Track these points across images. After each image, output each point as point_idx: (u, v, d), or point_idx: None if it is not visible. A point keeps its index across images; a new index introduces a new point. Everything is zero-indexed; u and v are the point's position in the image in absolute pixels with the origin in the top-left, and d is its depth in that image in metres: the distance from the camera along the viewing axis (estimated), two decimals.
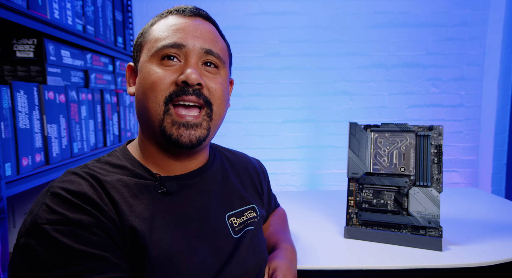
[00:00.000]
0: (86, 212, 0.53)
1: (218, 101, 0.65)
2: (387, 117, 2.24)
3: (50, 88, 1.08)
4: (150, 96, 0.61)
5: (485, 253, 0.91)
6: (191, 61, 0.62)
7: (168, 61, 0.62)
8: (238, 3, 2.17)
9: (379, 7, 2.18)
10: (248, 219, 0.72)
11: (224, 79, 0.67)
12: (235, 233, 0.68)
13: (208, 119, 0.63)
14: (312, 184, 2.29)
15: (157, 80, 0.60)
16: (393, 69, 2.23)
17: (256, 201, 0.79)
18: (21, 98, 0.95)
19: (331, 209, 1.32)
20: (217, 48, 0.65)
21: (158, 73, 0.61)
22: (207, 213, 0.66)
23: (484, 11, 2.17)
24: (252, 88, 2.23)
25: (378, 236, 1.00)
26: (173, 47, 0.61)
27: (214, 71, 0.65)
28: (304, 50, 2.21)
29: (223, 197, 0.71)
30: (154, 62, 0.62)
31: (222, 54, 0.66)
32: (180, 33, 0.62)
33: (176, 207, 0.63)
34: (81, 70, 1.32)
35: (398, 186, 1.00)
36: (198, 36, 0.63)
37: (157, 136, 0.63)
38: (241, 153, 0.87)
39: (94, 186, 0.57)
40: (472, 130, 2.27)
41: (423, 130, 1.00)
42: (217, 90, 0.64)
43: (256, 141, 2.25)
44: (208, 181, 0.70)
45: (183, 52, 0.62)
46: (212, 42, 0.65)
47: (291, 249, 0.81)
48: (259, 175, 0.85)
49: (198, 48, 0.62)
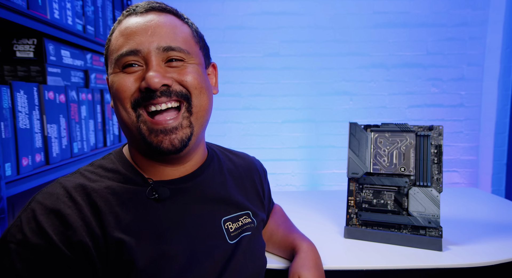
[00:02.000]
0: (49, 234, 0.51)
1: (195, 92, 0.61)
2: (387, 117, 2.24)
3: (50, 88, 1.08)
4: (119, 106, 0.59)
5: (485, 253, 0.91)
6: (152, 64, 0.58)
7: (130, 69, 0.59)
8: (238, 3, 2.17)
9: (379, 7, 2.18)
10: (244, 224, 0.70)
11: (196, 67, 0.62)
12: (230, 239, 0.66)
13: (188, 114, 0.60)
14: (312, 184, 2.29)
15: (120, 88, 0.58)
16: (393, 69, 2.23)
17: (256, 205, 0.77)
18: (21, 98, 0.95)
19: (331, 209, 1.32)
20: (177, 41, 0.60)
21: (120, 81, 0.59)
22: (201, 219, 0.64)
23: (484, 11, 2.17)
24: (252, 88, 2.23)
25: (378, 236, 1.00)
26: (129, 55, 0.58)
27: (179, 64, 0.61)
28: (304, 50, 2.21)
29: (219, 201, 0.68)
30: (117, 71, 0.60)
31: (184, 45, 0.61)
32: (134, 37, 0.59)
33: (169, 213, 0.60)
34: (81, 70, 1.32)
35: (398, 186, 1.00)
36: (152, 35, 0.59)
37: (141, 145, 0.61)
38: (243, 154, 0.85)
39: (75, 200, 0.55)
40: (472, 130, 2.27)
41: (423, 130, 1.00)
42: (190, 81, 0.60)
43: (256, 141, 2.25)
44: (203, 184, 0.67)
45: (141, 57, 0.59)
46: (169, 37, 0.60)
47: (312, 248, 0.80)
48: (261, 177, 0.83)
49: (155, 49, 0.58)
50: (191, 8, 2.16)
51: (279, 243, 0.88)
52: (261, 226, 0.77)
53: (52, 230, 0.52)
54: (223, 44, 2.19)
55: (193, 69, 0.62)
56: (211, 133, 2.19)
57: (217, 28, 2.18)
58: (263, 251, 0.75)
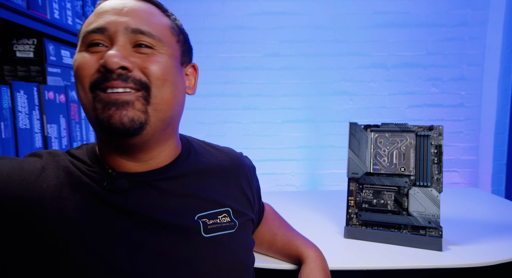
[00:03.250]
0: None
1: (157, 82, 0.56)
2: (387, 117, 2.24)
3: (50, 88, 1.08)
4: (78, 86, 0.56)
5: (485, 253, 0.91)
6: (116, 44, 0.54)
7: (95, 48, 0.55)
8: (238, 3, 2.17)
9: (379, 7, 2.18)
10: (222, 223, 0.65)
11: (165, 58, 0.58)
12: (206, 232, 0.61)
13: (143, 101, 0.55)
14: (312, 184, 2.29)
15: (80, 66, 0.55)
16: (393, 69, 2.23)
17: (240, 203, 0.71)
18: (21, 98, 0.95)
19: (331, 209, 1.32)
20: (150, 27, 0.57)
21: (82, 59, 0.55)
22: (169, 213, 0.59)
23: (484, 11, 2.17)
24: (252, 88, 2.23)
25: (378, 236, 1.00)
26: (95, 32, 0.55)
27: (148, 51, 0.56)
28: (304, 50, 2.21)
29: (192, 197, 0.63)
30: (82, 51, 0.57)
31: (157, 32, 0.57)
32: (104, 16, 0.56)
33: (125, 206, 0.57)
34: None
35: (398, 186, 1.00)
36: (124, 16, 0.56)
37: (97, 129, 0.57)
38: (228, 149, 0.79)
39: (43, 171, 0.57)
40: (472, 130, 2.27)
41: (423, 130, 1.00)
42: (153, 70, 0.56)
43: (256, 141, 2.25)
44: (173, 179, 0.63)
45: (107, 36, 0.55)
46: (141, 21, 0.56)
47: (319, 256, 0.78)
48: (247, 174, 0.77)
49: (123, 29, 0.55)
50: (191, 8, 2.16)
51: (280, 252, 0.85)
52: (249, 226, 0.72)
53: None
54: (223, 44, 2.19)
55: (161, 59, 0.57)
56: (211, 133, 2.19)
57: (217, 28, 2.18)
58: (250, 252, 0.69)
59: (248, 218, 0.72)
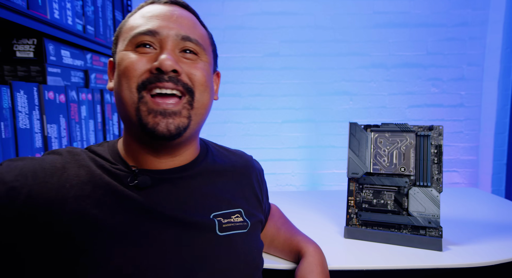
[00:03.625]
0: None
1: (200, 88, 0.61)
2: (387, 117, 2.24)
3: (50, 88, 1.08)
4: (123, 84, 0.58)
5: (485, 253, 0.91)
6: (167, 48, 0.59)
7: (143, 49, 0.59)
8: (238, 3, 2.17)
9: (379, 7, 2.18)
10: (236, 222, 0.67)
11: (206, 66, 0.63)
12: (221, 231, 0.64)
13: (189, 107, 0.60)
14: (312, 184, 2.29)
15: (130, 66, 0.58)
16: (393, 69, 2.23)
17: (251, 204, 0.73)
18: (21, 98, 0.95)
19: (331, 209, 1.32)
20: (195, 35, 0.62)
21: (131, 59, 0.58)
22: (186, 210, 0.61)
23: (484, 11, 2.17)
24: (252, 88, 2.23)
25: (378, 236, 1.00)
26: (147, 34, 0.58)
27: (193, 57, 0.61)
28: (304, 50, 2.21)
29: (208, 196, 0.66)
30: (129, 50, 0.59)
31: (201, 41, 0.63)
32: (155, 20, 0.60)
33: (148, 202, 0.59)
34: (81, 70, 1.32)
35: (398, 186, 1.00)
36: (174, 23, 0.60)
37: (135, 128, 0.59)
38: (240, 152, 0.83)
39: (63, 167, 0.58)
40: (472, 130, 2.27)
41: (423, 130, 1.00)
42: (198, 76, 0.61)
43: (256, 140, 2.25)
44: (192, 178, 0.65)
45: (157, 39, 0.59)
46: (189, 29, 0.61)
47: (318, 251, 0.79)
48: (258, 176, 0.81)
49: (174, 35, 0.59)
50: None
51: (282, 247, 0.86)
52: (258, 227, 0.74)
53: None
54: (223, 44, 2.19)
55: (203, 66, 0.62)
56: (211, 133, 2.19)
57: (217, 28, 2.18)
58: (260, 253, 0.72)
59: (258, 219, 0.74)
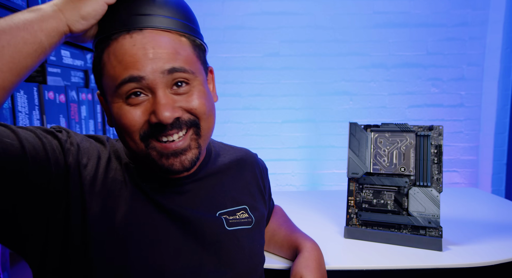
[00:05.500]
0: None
1: (204, 117, 0.59)
2: (387, 117, 2.24)
3: (50, 88, 1.08)
4: (126, 137, 0.58)
5: (485, 253, 0.91)
6: (159, 94, 0.54)
7: (134, 99, 0.55)
8: (238, 3, 2.17)
9: (379, 7, 2.18)
10: (241, 219, 0.70)
11: (201, 89, 0.59)
12: (228, 226, 0.67)
13: (196, 137, 0.60)
14: (312, 184, 2.29)
15: (127, 123, 0.56)
16: (393, 69, 2.23)
17: (256, 200, 0.77)
18: (21, 98, 0.95)
19: (331, 209, 1.32)
20: (180, 61, 0.55)
21: (127, 115, 0.55)
22: (195, 210, 0.65)
23: (484, 11, 2.17)
24: (252, 88, 2.23)
25: (378, 236, 1.00)
26: (131, 82, 0.53)
27: (187, 89, 0.57)
28: (304, 50, 2.21)
29: (214, 196, 0.69)
30: (120, 102, 0.56)
31: (188, 65, 0.57)
32: (133, 62, 0.53)
33: (165, 204, 0.62)
34: (81, 70, 1.32)
35: (398, 186, 1.00)
36: (154, 57, 0.53)
37: (148, 165, 0.61)
38: (245, 149, 0.85)
39: (109, 157, 0.62)
40: (472, 130, 2.27)
41: (423, 130, 1.00)
42: (199, 107, 0.58)
43: (256, 140, 2.25)
44: (199, 181, 0.68)
45: (144, 84, 0.54)
46: (171, 57, 0.55)
47: (315, 248, 0.80)
48: (262, 173, 0.83)
49: (159, 74, 0.53)
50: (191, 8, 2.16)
51: (281, 242, 0.87)
52: (262, 222, 0.77)
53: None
54: (223, 44, 2.19)
55: (199, 94, 0.58)
56: None
57: (217, 28, 2.18)
58: (262, 249, 0.74)
59: (262, 214, 0.76)
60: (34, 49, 0.48)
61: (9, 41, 0.46)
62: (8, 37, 0.46)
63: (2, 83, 0.45)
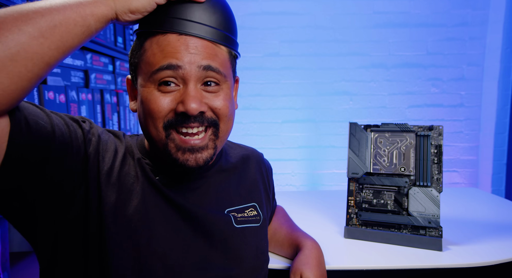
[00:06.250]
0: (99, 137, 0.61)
1: (224, 119, 0.62)
2: (387, 117, 2.24)
3: (50, 88, 1.08)
4: (149, 122, 0.60)
5: (485, 253, 0.91)
6: (190, 86, 0.58)
7: (165, 87, 0.58)
8: (238, 3, 2.17)
9: (379, 7, 2.18)
10: (249, 216, 0.72)
11: (228, 93, 0.63)
12: (236, 223, 0.69)
13: (214, 138, 0.62)
14: (312, 184, 2.30)
15: (155, 108, 0.58)
16: (393, 69, 2.23)
17: (264, 198, 0.79)
18: None
19: (331, 209, 1.32)
20: (217, 62, 0.60)
21: (156, 101, 0.58)
22: (204, 207, 0.66)
23: (484, 11, 2.17)
24: (252, 88, 2.24)
25: (378, 236, 1.00)
26: (168, 69, 0.57)
27: (216, 89, 0.61)
28: (304, 50, 2.21)
29: (222, 194, 0.70)
30: (152, 87, 0.59)
31: (223, 67, 0.61)
32: (174, 52, 0.57)
33: (176, 199, 0.63)
34: (81, 70, 1.32)
35: (398, 186, 1.00)
36: (194, 51, 0.58)
37: (162, 154, 0.63)
38: (252, 149, 0.86)
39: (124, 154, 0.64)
40: (472, 130, 2.27)
41: (423, 130, 1.00)
42: (222, 109, 0.61)
43: (256, 140, 2.25)
44: (208, 179, 0.70)
45: (179, 74, 0.57)
46: (209, 56, 0.59)
47: (315, 246, 0.81)
48: (267, 172, 0.85)
49: (195, 67, 0.57)
50: None
51: (282, 241, 0.88)
52: (266, 222, 0.78)
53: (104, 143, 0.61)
54: None
55: (225, 97, 0.62)
56: None
57: None
58: (267, 249, 0.76)
59: (267, 213, 0.78)
60: (82, 31, 0.50)
61: (61, 21, 0.48)
62: (61, 17, 0.48)
63: (48, 59, 0.47)
